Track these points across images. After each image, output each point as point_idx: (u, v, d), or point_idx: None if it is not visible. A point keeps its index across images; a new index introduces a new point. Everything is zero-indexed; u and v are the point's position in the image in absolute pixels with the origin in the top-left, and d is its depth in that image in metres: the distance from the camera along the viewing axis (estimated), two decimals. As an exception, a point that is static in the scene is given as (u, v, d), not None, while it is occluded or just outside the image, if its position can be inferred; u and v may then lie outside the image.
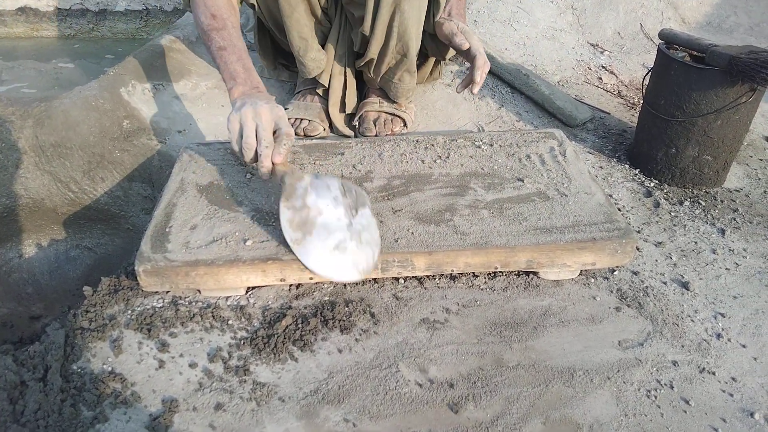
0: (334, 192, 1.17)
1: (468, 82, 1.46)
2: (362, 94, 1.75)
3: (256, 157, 1.19)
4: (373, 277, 1.19)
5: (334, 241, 1.12)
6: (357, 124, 1.69)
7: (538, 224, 1.23)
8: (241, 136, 1.19)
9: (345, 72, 1.66)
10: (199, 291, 1.19)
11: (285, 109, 1.67)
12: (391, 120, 1.67)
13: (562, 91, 1.93)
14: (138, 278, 1.12)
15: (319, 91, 1.69)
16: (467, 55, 1.46)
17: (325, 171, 1.39)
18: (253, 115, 1.19)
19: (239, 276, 1.13)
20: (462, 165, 1.42)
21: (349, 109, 1.70)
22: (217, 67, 1.32)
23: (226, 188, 1.31)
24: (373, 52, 1.51)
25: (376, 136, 1.63)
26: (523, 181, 1.36)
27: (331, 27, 1.61)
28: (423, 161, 1.43)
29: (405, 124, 1.71)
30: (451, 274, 1.23)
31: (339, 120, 1.69)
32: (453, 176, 1.38)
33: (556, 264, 1.21)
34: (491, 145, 1.49)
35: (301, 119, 1.65)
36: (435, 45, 1.64)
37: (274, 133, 1.21)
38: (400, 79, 1.61)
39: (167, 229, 1.19)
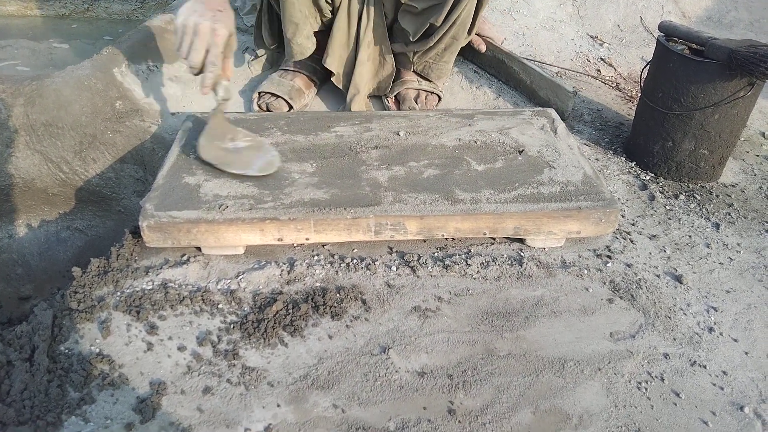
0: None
1: None
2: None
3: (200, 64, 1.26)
4: (367, 239, 1.23)
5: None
6: (395, 102, 1.71)
7: (527, 193, 1.27)
8: (190, 44, 1.24)
9: (381, 55, 1.67)
10: (199, 249, 1.22)
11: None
12: (428, 96, 1.71)
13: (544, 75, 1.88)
14: (141, 233, 1.16)
15: (334, 79, 1.68)
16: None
17: (321, 141, 1.43)
18: (210, 32, 1.23)
19: (238, 234, 1.18)
20: (457, 138, 1.45)
21: (367, 92, 1.71)
22: None
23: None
24: (433, 39, 1.55)
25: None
26: (514, 153, 1.40)
27: (333, 17, 1.60)
28: (419, 134, 1.46)
29: (439, 101, 1.75)
30: (443, 238, 1.26)
31: (360, 104, 1.68)
32: (448, 148, 1.42)
33: (542, 231, 1.25)
34: (485, 121, 1.52)
35: (271, 93, 1.65)
36: None
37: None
38: (447, 61, 1.67)
39: (170, 190, 1.23)
